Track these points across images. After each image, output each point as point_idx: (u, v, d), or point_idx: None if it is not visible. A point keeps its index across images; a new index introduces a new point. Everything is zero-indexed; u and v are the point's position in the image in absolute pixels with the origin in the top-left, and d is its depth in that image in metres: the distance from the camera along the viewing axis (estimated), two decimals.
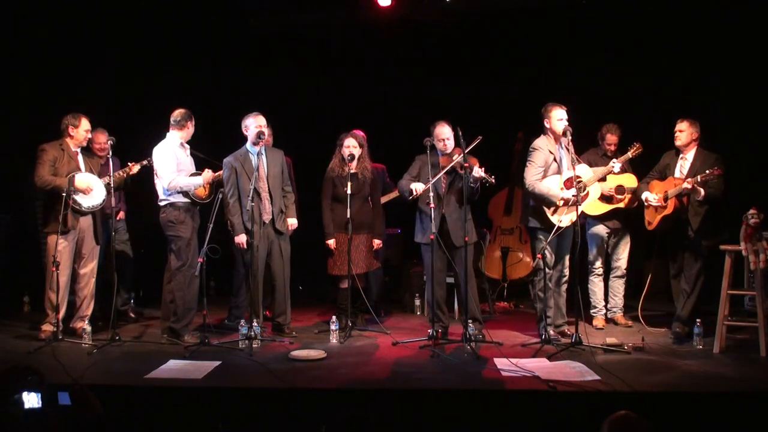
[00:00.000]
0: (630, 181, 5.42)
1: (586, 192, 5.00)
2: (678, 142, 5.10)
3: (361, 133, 5.98)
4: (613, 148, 5.55)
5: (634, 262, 5.84)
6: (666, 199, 5.03)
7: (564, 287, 5.11)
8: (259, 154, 5.18)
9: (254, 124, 5.15)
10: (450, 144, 5.09)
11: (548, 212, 4.90)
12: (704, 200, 4.88)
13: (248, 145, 5.22)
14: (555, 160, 4.96)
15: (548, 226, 4.87)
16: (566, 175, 4.92)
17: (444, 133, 5.07)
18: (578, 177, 4.79)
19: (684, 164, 5.10)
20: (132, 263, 6.03)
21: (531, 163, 4.95)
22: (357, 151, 5.38)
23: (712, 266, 4.95)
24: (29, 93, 6.70)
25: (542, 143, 4.97)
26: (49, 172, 5.04)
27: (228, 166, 5.15)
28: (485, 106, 6.79)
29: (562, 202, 4.83)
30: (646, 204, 5.17)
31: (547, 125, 4.96)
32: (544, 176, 4.93)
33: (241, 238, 5.06)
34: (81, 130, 5.19)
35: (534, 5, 6.85)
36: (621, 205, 5.43)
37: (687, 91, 6.40)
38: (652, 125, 5.92)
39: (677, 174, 5.10)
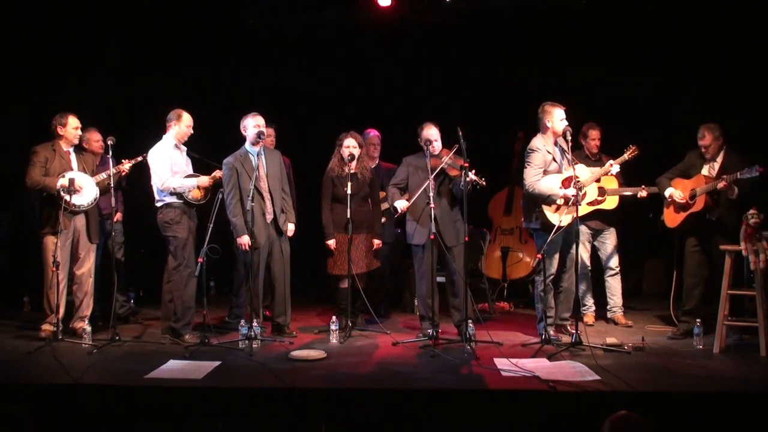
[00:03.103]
0: (610, 183, 5.43)
1: (584, 192, 4.99)
2: (708, 156, 5.00)
3: (376, 133, 6.00)
4: (598, 143, 5.56)
5: (634, 262, 5.84)
6: (693, 196, 4.98)
7: (567, 284, 5.08)
8: (258, 154, 5.18)
9: (253, 124, 5.16)
10: (438, 145, 5.11)
11: (549, 212, 4.90)
12: (737, 199, 4.78)
13: (247, 145, 5.22)
14: (554, 159, 4.96)
15: (549, 226, 4.87)
16: (564, 174, 4.93)
17: (432, 134, 5.07)
18: (576, 177, 4.79)
19: (713, 165, 5.00)
20: (124, 267, 5.96)
21: (529, 164, 4.94)
22: (357, 151, 5.38)
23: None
24: (29, 93, 6.70)
25: (540, 144, 4.96)
26: (39, 173, 5.06)
27: (229, 166, 5.14)
28: (485, 106, 6.79)
29: (562, 201, 4.83)
30: (669, 200, 5.12)
31: (548, 124, 4.95)
32: (544, 175, 4.93)
33: (244, 239, 5.05)
34: (69, 128, 5.19)
35: (534, 5, 6.85)
36: (606, 206, 5.42)
37: (686, 91, 6.41)
38: (650, 127, 5.93)
39: (705, 173, 5.01)
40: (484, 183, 4.88)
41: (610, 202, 5.44)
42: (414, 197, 5.05)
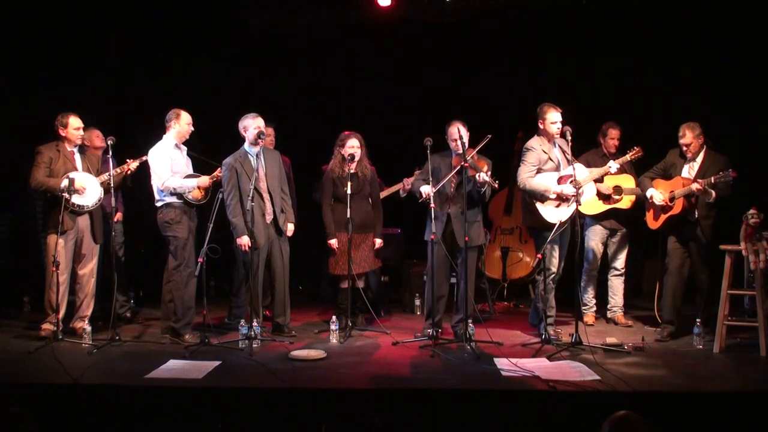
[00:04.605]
0: (628, 182, 5.42)
1: (581, 191, 4.99)
2: (689, 155, 5.00)
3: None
4: (616, 143, 5.55)
5: (633, 262, 5.82)
6: (672, 199, 4.98)
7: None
8: (257, 154, 5.18)
9: (253, 125, 5.14)
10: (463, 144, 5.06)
11: (548, 211, 4.90)
12: (715, 202, 4.81)
13: (246, 145, 5.21)
14: (550, 158, 4.99)
15: (547, 225, 4.88)
16: (562, 173, 4.94)
17: (456, 132, 5.04)
18: (572, 176, 4.79)
19: (693, 165, 5.01)
20: (124, 267, 5.95)
21: (524, 162, 4.99)
22: (358, 152, 5.38)
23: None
24: (29, 93, 6.70)
25: (536, 143, 5.00)
26: (43, 174, 5.06)
27: (228, 166, 5.13)
28: (485, 106, 6.78)
29: (554, 195, 4.84)
30: (650, 201, 5.12)
31: (541, 126, 5.01)
32: (539, 173, 4.95)
33: (244, 240, 5.05)
34: (71, 129, 5.18)
35: (534, 5, 6.85)
36: (622, 206, 5.43)
37: (687, 91, 6.40)
38: (653, 126, 5.92)
39: (685, 174, 5.02)
40: (496, 185, 4.89)
41: (626, 202, 5.44)
42: (436, 189, 5.01)
